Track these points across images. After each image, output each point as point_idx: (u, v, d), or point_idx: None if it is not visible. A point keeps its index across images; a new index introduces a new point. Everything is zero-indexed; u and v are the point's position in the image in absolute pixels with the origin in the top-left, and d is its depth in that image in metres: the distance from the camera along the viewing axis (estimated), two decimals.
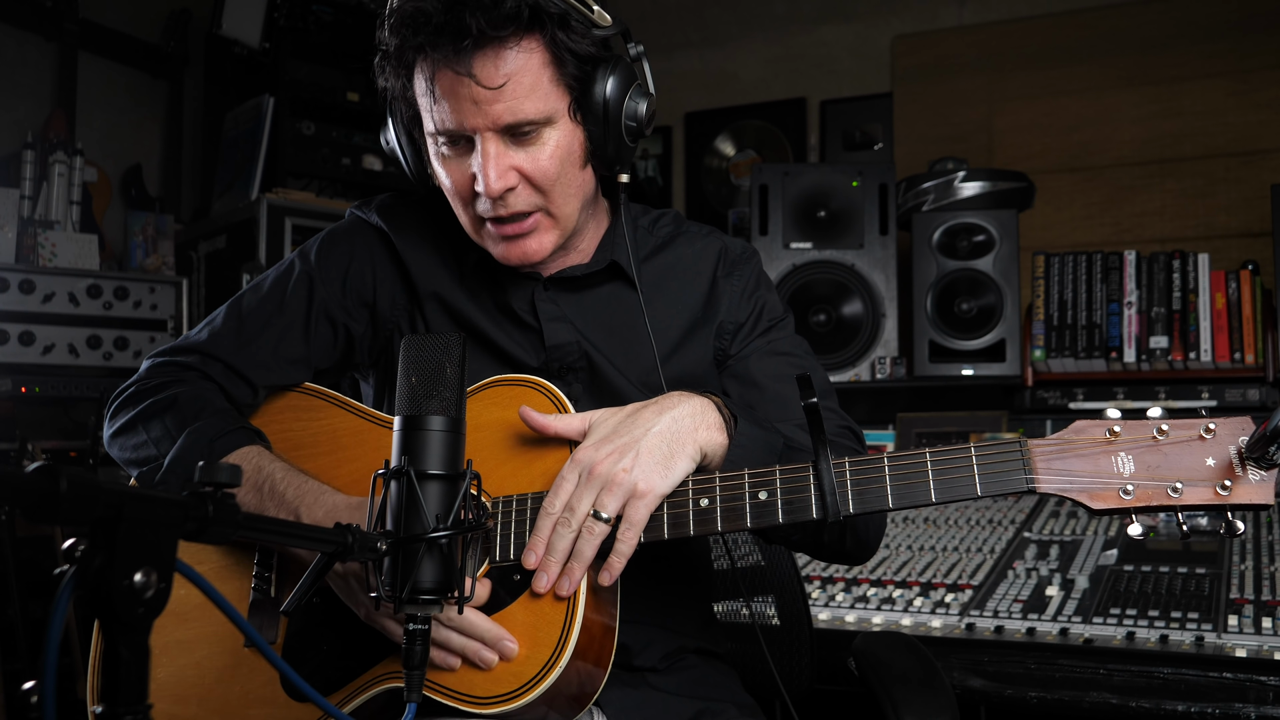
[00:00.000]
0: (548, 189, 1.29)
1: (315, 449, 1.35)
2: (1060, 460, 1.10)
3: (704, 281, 1.49)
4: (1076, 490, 1.09)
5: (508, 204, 1.28)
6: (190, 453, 1.26)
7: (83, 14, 3.52)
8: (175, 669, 1.27)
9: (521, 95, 1.23)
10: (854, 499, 1.13)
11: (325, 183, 3.82)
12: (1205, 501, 1.07)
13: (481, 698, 1.13)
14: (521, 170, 1.27)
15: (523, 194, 1.28)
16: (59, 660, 0.67)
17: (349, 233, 1.48)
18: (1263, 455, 1.04)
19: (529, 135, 1.26)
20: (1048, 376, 2.87)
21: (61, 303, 3.02)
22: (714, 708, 1.37)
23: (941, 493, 1.11)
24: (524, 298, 1.41)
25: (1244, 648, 1.72)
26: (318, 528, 0.95)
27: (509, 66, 1.21)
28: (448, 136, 1.27)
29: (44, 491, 0.64)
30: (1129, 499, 1.08)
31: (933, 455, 1.12)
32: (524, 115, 1.23)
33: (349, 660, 1.22)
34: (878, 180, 3.13)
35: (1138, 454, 1.09)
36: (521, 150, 1.26)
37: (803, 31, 4.05)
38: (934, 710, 1.43)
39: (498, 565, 1.19)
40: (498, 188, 1.25)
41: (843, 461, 1.14)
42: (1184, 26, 3.47)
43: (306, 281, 1.43)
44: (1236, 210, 3.35)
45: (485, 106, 1.22)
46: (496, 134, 1.24)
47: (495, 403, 1.26)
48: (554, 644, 1.13)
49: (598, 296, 1.44)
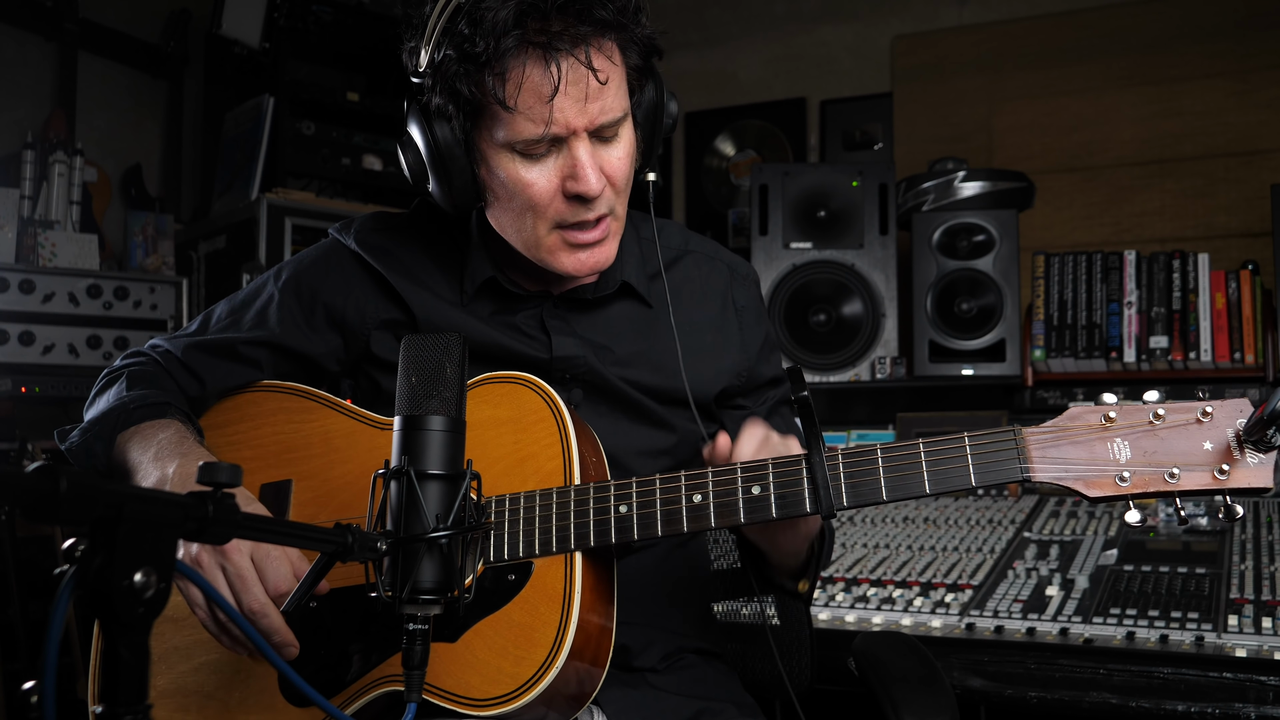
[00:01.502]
0: (621, 190, 1.28)
1: (308, 451, 1.34)
2: (1055, 448, 1.09)
3: (714, 306, 1.49)
4: (1072, 478, 1.08)
5: (594, 207, 1.24)
6: (109, 414, 1.30)
7: (83, 14, 3.52)
8: (175, 675, 1.26)
9: (613, 92, 1.22)
10: (848, 492, 1.12)
11: (325, 183, 3.82)
12: (1203, 486, 1.05)
13: (479, 699, 1.13)
14: (606, 172, 1.24)
15: (606, 195, 1.26)
16: (59, 660, 0.67)
17: (329, 257, 1.46)
18: (1261, 438, 1.02)
19: (611, 137, 1.24)
20: (1048, 376, 2.87)
21: (61, 303, 3.02)
22: (714, 707, 1.37)
23: (936, 484, 1.10)
24: (532, 316, 1.40)
25: (1244, 648, 1.72)
26: (317, 528, 0.95)
27: (611, 61, 1.20)
28: (536, 140, 1.20)
29: (44, 491, 0.64)
30: (1126, 486, 1.06)
31: (926, 446, 1.11)
32: (614, 114, 1.22)
33: (347, 664, 1.22)
34: (878, 180, 3.13)
35: (1134, 439, 1.07)
36: (604, 150, 1.24)
37: (803, 31, 4.05)
38: (934, 710, 1.43)
39: (492, 565, 1.18)
40: (598, 187, 1.22)
41: (835, 454, 1.13)
42: (1184, 26, 3.46)
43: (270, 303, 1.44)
44: (1236, 210, 3.35)
45: (590, 103, 1.18)
46: (588, 136, 1.22)
47: (486, 400, 1.25)
48: (550, 644, 1.12)
49: (608, 316, 1.43)
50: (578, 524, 1.16)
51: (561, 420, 1.21)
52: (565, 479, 1.20)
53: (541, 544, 1.17)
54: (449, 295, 1.40)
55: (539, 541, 1.17)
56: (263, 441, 1.36)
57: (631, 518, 1.16)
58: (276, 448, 1.35)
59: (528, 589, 1.17)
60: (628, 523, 1.16)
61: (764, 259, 3.12)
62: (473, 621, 1.17)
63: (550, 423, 1.22)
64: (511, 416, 1.23)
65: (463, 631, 1.17)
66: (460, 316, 1.39)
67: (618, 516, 1.16)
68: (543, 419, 1.22)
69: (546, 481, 1.20)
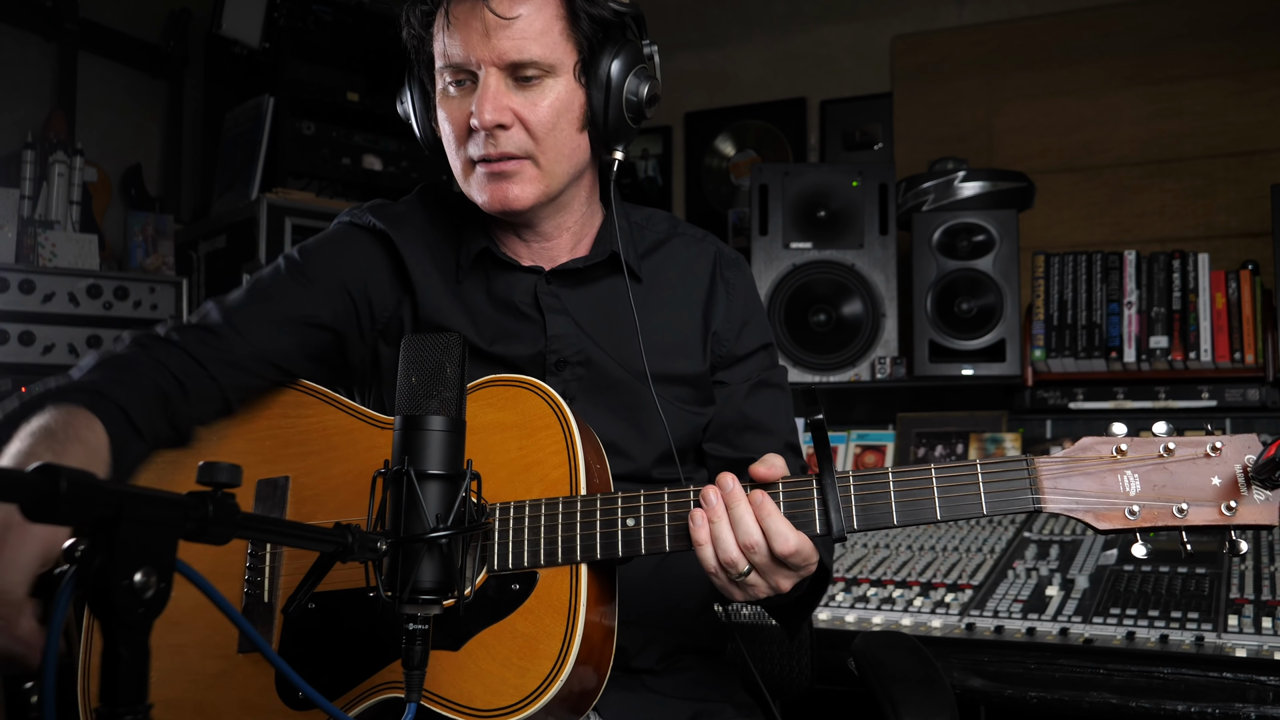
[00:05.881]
0: (540, 137, 1.32)
1: (305, 447, 1.32)
2: (1067, 479, 1.10)
3: (702, 285, 1.49)
4: (1082, 510, 1.09)
5: (498, 142, 1.30)
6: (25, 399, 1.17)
7: (83, 14, 3.52)
8: (165, 673, 1.24)
9: (530, 36, 1.28)
10: (859, 515, 1.12)
11: (325, 183, 3.82)
12: (1210, 522, 1.06)
13: (482, 709, 1.12)
14: (518, 113, 1.30)
15: (515, 135, 1.31)
16: (58, 660, 0.67)
17: (340, 238, 1.46)
18: (1269, 478, 1.04)
19: (531, 81, 1.30)
20: (1048, 376, 2.87)
21: (61, 303, 3.02)
22: (711, 708, 1.37)
23: (947, 510, 1.11)
24: (527, 291, 1.42)
25: (1244, 648, 1.72)
26: (317, 528, 0.95)
27: (524, 6, 1.27)
28: (453, 71, 1.31)
29: (44, 491, 0.64)
30: (1134, 519, 1.08)
31: (938, 472, 1.12)
32: (528, 55, 1.28)
33: (346, 668, 1.21)
34: (878, 180, 3.13)
35: (1144, 473, 1.08)
36: (521, 94, 1.30)
37: (803, 31, 4.05)
38: (934, 710, 1.43)
39: (496, 574, 1.17)
40: (490, 119, 1.28)
41: (847, 476, 1.13)
42: (1184, 26, 3.46)
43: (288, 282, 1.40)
44: (1236, 210, 3.35)
45: (494, 39, 1.27)
46: (500, 71, 1.29)
47: (491, 404, 1.24)
48: (555, 657, 1.11)
49: (599, 290, 1.45)
50: (584, 536, 1.16)
51: (567, 427, 1.21)
52: (571, 488, 1.19)
53: (547, 555, 1.16)
54: (447, 270, 1.43)
55: (544, 552, 1.16)
56: (256, 435, 1.33)
57: (639, 531, 1.16)
58: (272, 442, 1.32)
59: (532, 599, 1.16)
60: (635, 536, 1.16)
61: (764, 259, 3.12)
62: (476, 630, 1.16)
63: (556, 429, 1.21)
64: (516, 421, 1.22)
65: (466, 640, 1.16)
66: (456, 290, 1.42)
67: (625, 530, 1.16)
68: (548, 425, 1.21)
69: (552, 490, 1.19)
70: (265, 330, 1.34)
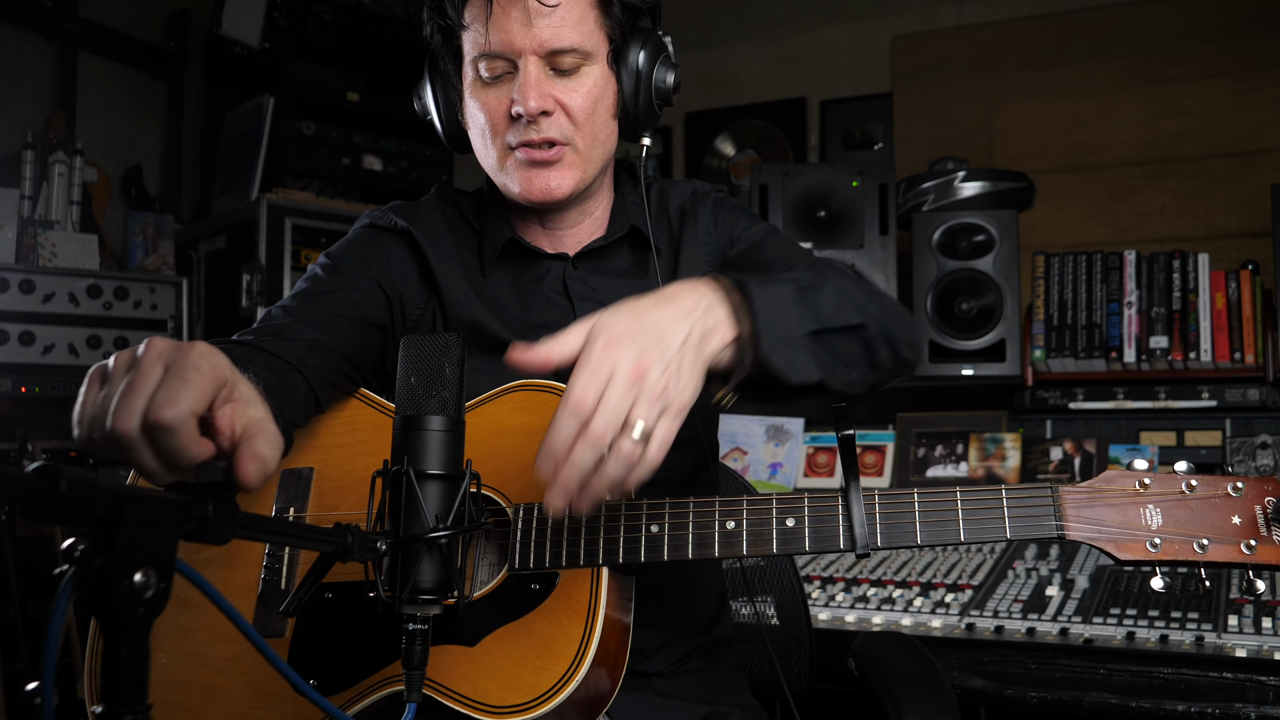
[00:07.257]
0: (581, 123, 1.33)
1: (332, 439, 1.34)
2: (1090, 509, 1.11)
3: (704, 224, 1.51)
4: (1105, 540, 1.10)
5: (541, 128, 1.31)
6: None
7: (83, 14, 3.52)
8: (175, 654, 1.25)
9: (569, 24, 1.29)
10: (883, 533, 1.13)
11: (325, 183, 3.82)
12: (1230, 560, 1.08)
13: (495, 706, 1.12)
14: (559, 99, 1.32)
15: (558, 120, 1.32)
16: (59, 660, 0.67)
17: (367, 240, 1.47)
18: None
19: (569, 69, 1.32)
20: (1048, 376, 2.87)
21: (61, 303, 3.02)
22: (719, 711, 1.37)
23: (971, 533, 1.12)
24: (555, 279, 1.44)
25: (1244, 648, 1.72)
26: (317, 528, 0.95)
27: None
28: (489, 60, 1.31)
29: (44, 491, 0.64)
30: (1155, 552, 1.09)
31: (964, 496, 1.12)
32: (567, 42, 1.29)
33: (360, 659, 1.21)
34: (878, 180, 3.13)
35: (1166, 507, 1.10)
36: (561, 81, 1.32)
37: (803, 31, 4.05)
38: (934, 710, 1.43)
39: (516, 573, 1.18)
40: (535, 106, 1.29)
41: (872, 494, 1.13)
42: (1184, 26, 3.46)
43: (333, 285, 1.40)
44: (1236, 210, 3.35)
45: (535, 27, 1.28)
46: (540, 59, 1.30)
47: (521, 407, 1.25)
48: (571, 657, 1.12)
49: (621, 269, 1.47)
50: (607, 540, 1.16)
51: None
52: None
53: (569, 556, 1.16)
54: (471, 265, 1.45)
55: (566, 554, 1.17)
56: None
57: (663, 538, 1.16)
58: (300, 433, 1.33)
59: (551, 599, 1.16)
60: (658, 542, 1.16)
61: None
62: (494, 627, 1.16)
63: None
64: (545, 425, 1.23)
65: (483, 636, 1.16)
66: (481, 284, 1.43)
67: (649, 536, 1.16)
68: None
69: None
70: (332, 324, 1.35)
